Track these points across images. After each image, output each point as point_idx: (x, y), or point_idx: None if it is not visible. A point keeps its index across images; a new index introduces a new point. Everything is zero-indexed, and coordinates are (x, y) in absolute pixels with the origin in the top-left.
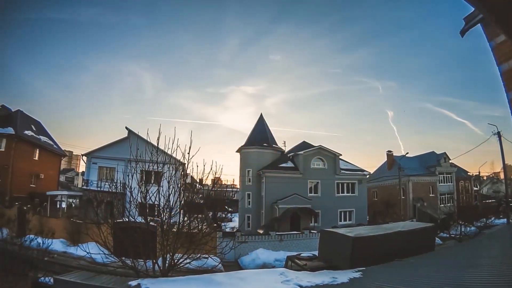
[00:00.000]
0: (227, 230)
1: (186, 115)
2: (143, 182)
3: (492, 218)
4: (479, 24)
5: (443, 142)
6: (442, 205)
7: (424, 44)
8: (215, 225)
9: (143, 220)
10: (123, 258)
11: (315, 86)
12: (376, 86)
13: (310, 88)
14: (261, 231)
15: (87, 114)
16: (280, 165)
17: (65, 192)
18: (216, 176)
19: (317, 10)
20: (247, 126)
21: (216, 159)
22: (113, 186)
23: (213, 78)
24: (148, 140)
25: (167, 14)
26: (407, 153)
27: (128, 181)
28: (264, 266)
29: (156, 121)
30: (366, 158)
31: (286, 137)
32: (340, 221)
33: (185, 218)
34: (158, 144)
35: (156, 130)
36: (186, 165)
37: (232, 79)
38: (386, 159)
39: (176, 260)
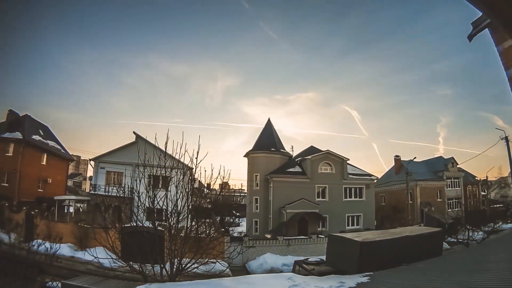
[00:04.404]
0: (235, 234)
1: (251, 121)
2: (150, 186)
3: (500, 223)
4: (486, 29)
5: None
6: (450, 209)
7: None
8: (222, 229)
9: (150, 225)
10: (131, 262)
11: (391, 94)
12: (446, 94)
13: (386, 97)
14: (268, 236)
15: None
16: (288, 170)
17: (73, 197)
18: (224, 180)
19: (427, 26)
20: (301, 132)
21: None
22: (120, 191)
23: (291, 84)
24: (156, 145)
25: (276, 24)
26: (415, 157)
27: (136, 186)
28: (272, 270)
29: (212, 125)
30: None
31: (343, 145)
32: (348, 225)
33: (193, 223)
34: (166, 149)
35: (213, 134)
36: (194, 169)
37: (306, 86)
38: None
39: (184, 265)
